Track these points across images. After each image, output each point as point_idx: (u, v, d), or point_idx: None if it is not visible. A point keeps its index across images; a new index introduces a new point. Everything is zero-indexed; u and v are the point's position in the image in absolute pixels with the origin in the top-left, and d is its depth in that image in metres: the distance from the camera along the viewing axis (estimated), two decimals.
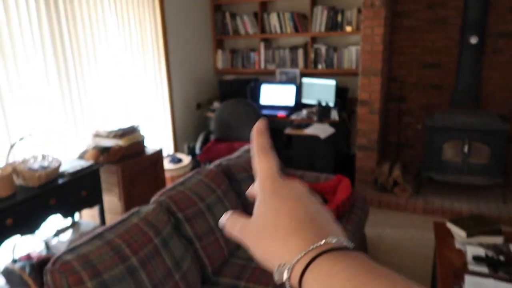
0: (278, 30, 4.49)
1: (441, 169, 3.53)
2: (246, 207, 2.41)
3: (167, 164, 3.66)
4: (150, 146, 3.26)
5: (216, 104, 4.58)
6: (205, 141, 4.11)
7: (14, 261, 2.32)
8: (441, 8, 3.81)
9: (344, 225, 2.37)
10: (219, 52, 4.85)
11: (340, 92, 4.18)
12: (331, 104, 4.01)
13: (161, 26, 3.90)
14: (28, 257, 2.36)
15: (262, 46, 4.62)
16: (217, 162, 2.53)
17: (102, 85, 3.27)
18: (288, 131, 3.89)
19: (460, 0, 3.70)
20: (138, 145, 3.04)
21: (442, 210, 3.39)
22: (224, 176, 2.38)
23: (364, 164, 3.82)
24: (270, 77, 4.71)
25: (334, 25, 4.22)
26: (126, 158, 2.90)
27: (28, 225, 2.17)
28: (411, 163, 4.21)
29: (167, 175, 3.56)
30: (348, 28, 4.13)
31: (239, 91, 4.63)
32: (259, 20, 4.53)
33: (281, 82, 4.53)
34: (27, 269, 2.20)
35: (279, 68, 4.58)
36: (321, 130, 3.75)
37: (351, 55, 4.21)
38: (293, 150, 3.94)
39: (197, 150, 3.99)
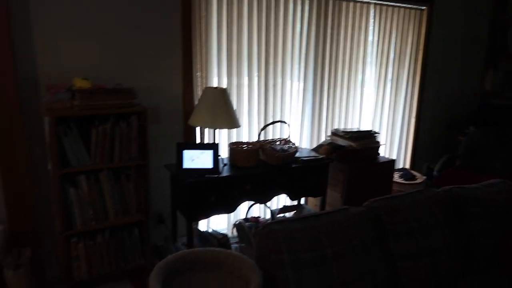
0: None
1: None
2: (472, 249, 2.09)
3: (397, 178, 3.55)
4: (384, 155, 3.23)
5: (472, 128, 4.06)
6: (447, 165, 3.74)
7: (246, 220, 2.81)
8: None
9: None
10: (490, 72, 4.26)
11: None
12: None
13: (424, 39, 3.75)
14: (256, 220, 2.81)
15: None
16: (447, 187, 2.28)
17: (352, 89, 3.46)
18: None
19: None
20: (370, 151, 3.08)
21: None
22: (450, 203, 2.13)
23: None
24: None
25: None
26: (356, 160, 2.99)
27: (261, 195, 2.57)
28: None
29: (395, 188, 3.45)
30: None
31: (508, 119, 3.96)
32: None
33: None
34: (252, 230, 2.63)
35: None
36: None
37: None
38: None
39: (435, 172, 3.68)
